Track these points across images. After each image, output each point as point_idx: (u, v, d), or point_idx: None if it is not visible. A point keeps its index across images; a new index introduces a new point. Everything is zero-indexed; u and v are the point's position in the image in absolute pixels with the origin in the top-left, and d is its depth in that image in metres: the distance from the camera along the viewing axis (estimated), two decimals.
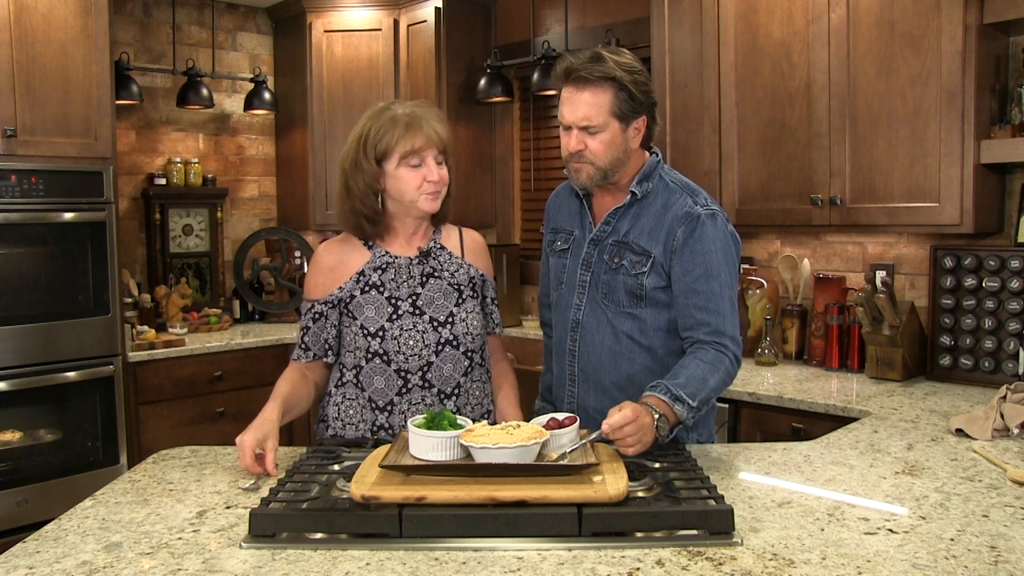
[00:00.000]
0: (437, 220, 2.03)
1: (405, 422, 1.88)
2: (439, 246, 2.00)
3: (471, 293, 1.99)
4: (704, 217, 1.88)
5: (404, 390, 1.91)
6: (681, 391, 1.74)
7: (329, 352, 1.96)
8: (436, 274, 1.96)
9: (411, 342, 1.89)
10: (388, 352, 1.89)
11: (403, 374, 1.90)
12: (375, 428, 1.92)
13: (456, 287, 1.97)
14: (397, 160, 1.87)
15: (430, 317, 1.92)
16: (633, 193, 1.94)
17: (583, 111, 1.85)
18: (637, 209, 1.96)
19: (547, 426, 1.59)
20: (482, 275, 2.03)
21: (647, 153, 1.99)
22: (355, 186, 1.90)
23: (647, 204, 1.95)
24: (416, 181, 1.88)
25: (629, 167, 1.95)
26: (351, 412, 1.94)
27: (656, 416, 1.68)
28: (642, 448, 1.64)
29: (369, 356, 1.91)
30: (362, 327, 1.90)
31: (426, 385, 1.91)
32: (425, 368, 1.91)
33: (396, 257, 1.95)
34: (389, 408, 1.91)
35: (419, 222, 1.98)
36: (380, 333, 1.89)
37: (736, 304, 1.91)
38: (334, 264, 1.96)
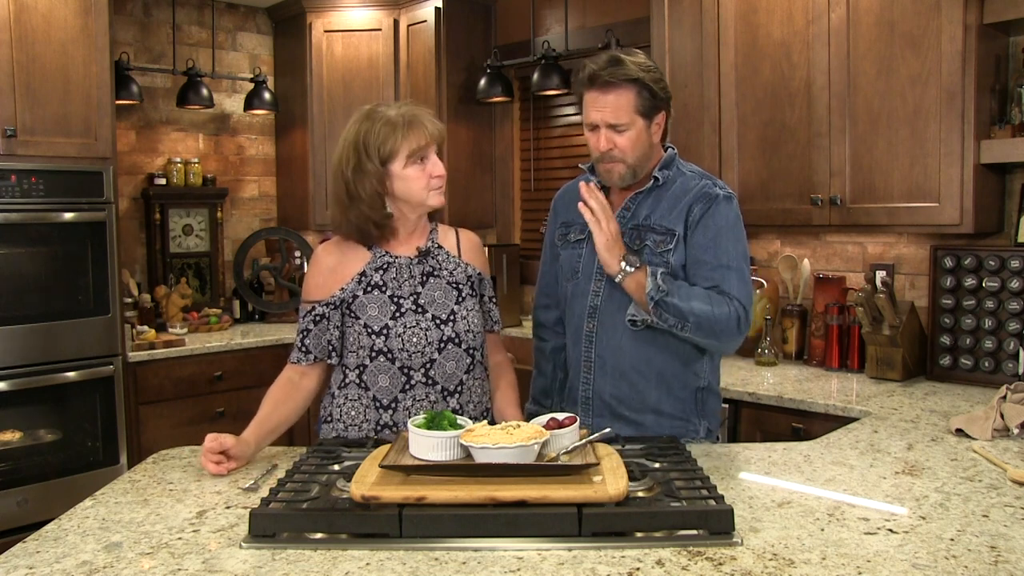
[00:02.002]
0: (433, 218, 2.04)
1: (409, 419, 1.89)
2: (437, 245, 2.01)
3: (470, 291, 2.00)
4: (721, 198, 1.98)
5: (408, 387, 1.91)
6: (662, 274, 1.88)
7: (333, 354, 1.96)
8: (435, 273, 1.97)
9: (414, 339, 1.90)
10: (392, 350, 1.90)
11: (406, 371, 1.91)
12: (379, 427, 1.93)
13: (455, 285, 1.98)
14: (404, 160, 1.89)
15: (432, 315, 1.93)
16: (655, 178, 2.02)
17: (610, 111, 1.93)
18: (657, 194, 2.02)
19: (547, 426, 1.59)
20: (479, 274, 2.04)
21: (663, 149, 2.07)
22: (362, 191, 1.89)
23: (666, 190, 2.02)
24: (423, 179, 1.91)
25: (652, 161, 2.03)
26: (354, 413, 1.94)
27: (628, 255, 1.89)
28: (600, 230, 1.89)
29: (373, 354, 1.91)
30: (366, 326, 1.91)
31: (429, 382, 1.92)
32: (428, 365, 1.91)
33: (396, 257, 1.96)
34: (393, 406, 1.92)
35: (419, 221, 1.99)
36: (384, 331, 1.90)
37: (746, 278, 1.96)
38: (334, 265, 1.97)
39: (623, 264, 1.89)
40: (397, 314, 1.91)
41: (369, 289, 1.93)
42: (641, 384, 2.01)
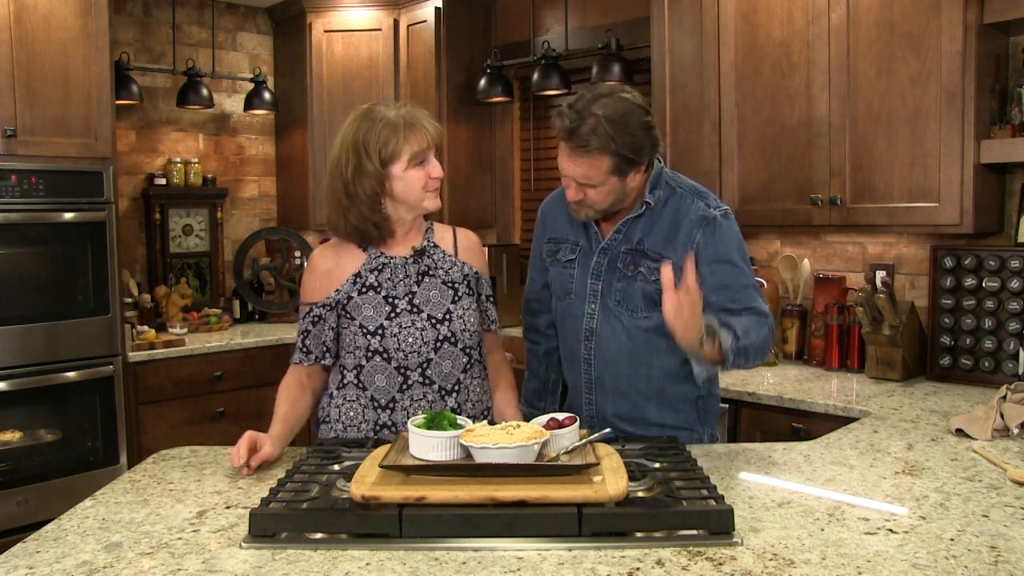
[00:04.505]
0: (428, 217, 2.04)
1: (407, 419, 1.89)
2: (433, 245, 2.01)
3: (467, 290, 1.99)
4: (719, 218, 1.95)
5: (405, 387, 1.91)
6: (720, 323, 1.80)
7: (327, 355, 1.96)
8: (431, 272, 1.97)
9: (410, 339, 1.90)
10: (388, 350, 1.90)
11: (403, 371, 1.91)
12: (378, 427, 1.93)
13: (451, 285, 1.97)
14: (406, 163, 1.88)
15: (428, 315, 1.92)
16: (647, 203, 1.97)
17: (582, 171, 1.87)
18: (650, 217, 1.98)
19: (547, 426, 1.59)
20: (476, 272, 2.03)
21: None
22: (361, 192, 1.88)
23: (657, 212, 1.98)
24: (422, 180, 1.90)
25: (631, 197, 1.97)
26: (352, 413, 1.94)
27: (708, 336, 1.75)
28: (686, 323, 1.70)
29: (369, 355, 1.91)
30: (361, 326, 1.91)
31: (426, 382, 1.92)
32: (425, 365, 1.91)
33: (392, 257, 1.96)
34: (391, 406, 1.92)
35: (414, 221, 1.99)
36: (379, 331, 1.90)
37: (760, 290, 1.98)
38: (330, 268, 1.97)
39: (704, 339, 1.75)
40: (392, 314, 1.91)
41: (364, 290, 1.93)
42: (641, 402, 2.01)
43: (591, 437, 1.60)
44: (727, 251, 1.93)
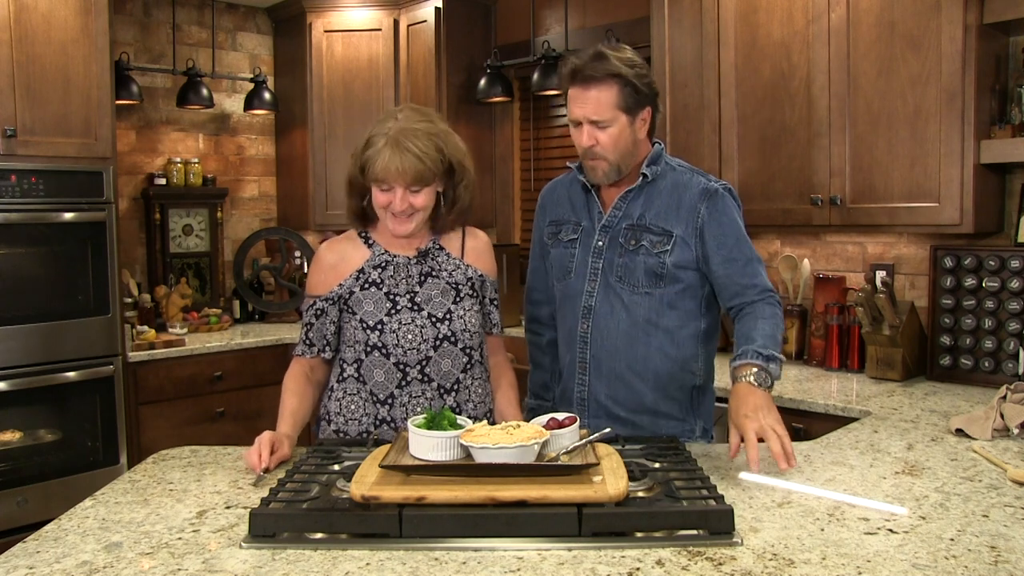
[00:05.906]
0: (437, 229, 2.01)
1: (406, 415, 1.91)
2: (438, 247, 2.01)
3: (469, 292, 1.99)
4: (721, 191, 2.00)
5: (403, 383, 1.92)
6: (771, 351, 1.83)
7: (328, 348, 1.98)
8: (434, 274, 1.97)
9: (409, 336, 1.91)
10: (387, 345, 1.90)
11: (402, 367, 1.91)
12: (377, 422, 1.93)
13: (453, 286, 1.97)
14: (371, 180, 1.88)
15: (428, 313, 1.93)
16: (644, 175, 2.01)
17: (591, 107, 1.92)
18: (648, 192, 2.02)
19: (547, 426, 1.59)
20: (481, 275, 2.03)
21: (650, 144, 2.06)
22: (357, 184, 1.95)
23: (656, 187, 2.02)
24: (384, 203, 1.88)
25: (638, 157, 2.02)
26: (352, 407, 1.95)
27: (767, 387, 1.78)
28: (783, 430, 1.71)
29: (368, 349, 1.92)
30: (361, 321, 1.92)
31: (425, 379, 1.92)
32: (424, 362, 1.92)
33: (395, 256, 1.97)
34: (390, 401, 1.93)
35: None
36: (379, 327, 1.91)
37: (762, 262, 2.03)
38: (335, 262, 1.98)
39: (762, 391, 1.78)
40: (392, 311, 1.92)
41: (366, 286, 1.94)
42: (637, 385, 2.01)
43: (591, 437, 1.60)
44: (732, 224, 1.98)
